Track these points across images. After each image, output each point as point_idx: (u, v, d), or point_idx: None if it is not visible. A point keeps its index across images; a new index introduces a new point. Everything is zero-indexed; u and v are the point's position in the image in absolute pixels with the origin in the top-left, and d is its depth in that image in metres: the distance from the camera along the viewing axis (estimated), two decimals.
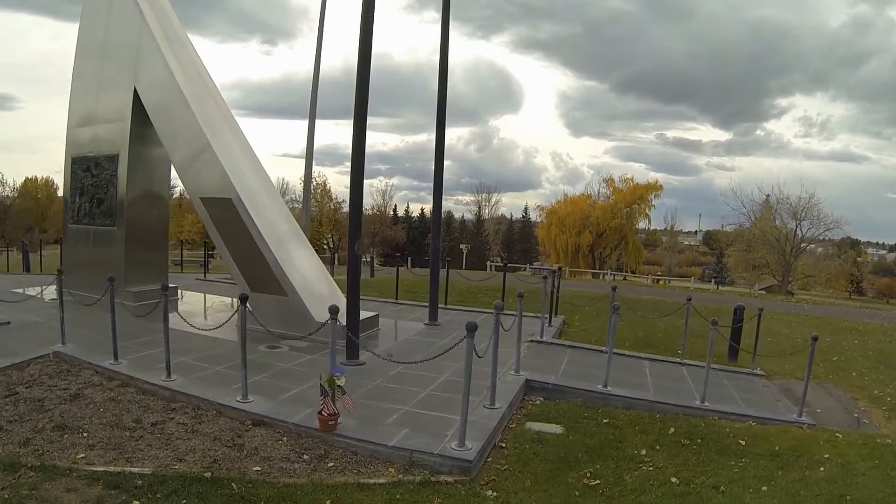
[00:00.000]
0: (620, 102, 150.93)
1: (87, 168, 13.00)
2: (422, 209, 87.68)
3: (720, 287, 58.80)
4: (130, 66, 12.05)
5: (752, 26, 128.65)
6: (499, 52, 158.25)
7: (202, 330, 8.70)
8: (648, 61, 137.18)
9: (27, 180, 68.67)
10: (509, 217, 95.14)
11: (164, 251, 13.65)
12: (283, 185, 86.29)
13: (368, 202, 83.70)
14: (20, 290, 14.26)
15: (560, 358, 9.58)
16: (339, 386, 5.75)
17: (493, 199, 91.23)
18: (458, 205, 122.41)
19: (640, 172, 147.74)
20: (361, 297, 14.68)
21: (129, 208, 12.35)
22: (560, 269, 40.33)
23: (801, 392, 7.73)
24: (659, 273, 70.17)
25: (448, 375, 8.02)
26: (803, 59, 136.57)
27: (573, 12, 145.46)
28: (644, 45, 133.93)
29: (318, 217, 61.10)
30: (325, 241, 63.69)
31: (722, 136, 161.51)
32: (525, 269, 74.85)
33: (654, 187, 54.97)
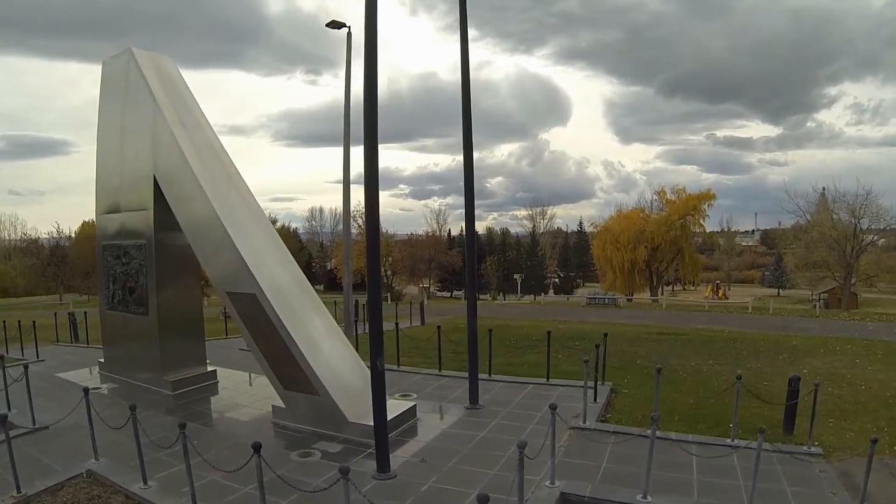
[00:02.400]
0: (668, 105, 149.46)
1: (117, 256, 13.13)
2: (476, 233, 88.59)
3: (780, 293, 57.28)
4: (148, 155, 12.11)
5: (793, 15, 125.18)
6: (542, 65, 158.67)
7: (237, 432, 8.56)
8: (692, 61, 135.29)
9: (84, 224, 70.91)
10: (565, 230, 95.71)
11: (200, 333, 13.60)
12: (335, 216, 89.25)
13: (421, 224, 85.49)
14: (65, 376, 14.50)
15: (602, 451, 9.03)
16: None
17: (549, 213, 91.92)
18: (514, 220, 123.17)
19: (693, 175, 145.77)
20: (403, 368, 14.59)
21: (160, 296, 12.40)
22: (615, 298, 40.01)
23: (862, 478, 7.07)
24: (718, 281, 69.04)
25: (482, 488, 7.67)
26: (849, 44, 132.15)
27: (613, 18, 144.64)
28: (686, 46, 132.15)
29: None
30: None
31: (772, 131, 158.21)
32: (581, 285, 74.44)
33: (707, 196, 54.24)
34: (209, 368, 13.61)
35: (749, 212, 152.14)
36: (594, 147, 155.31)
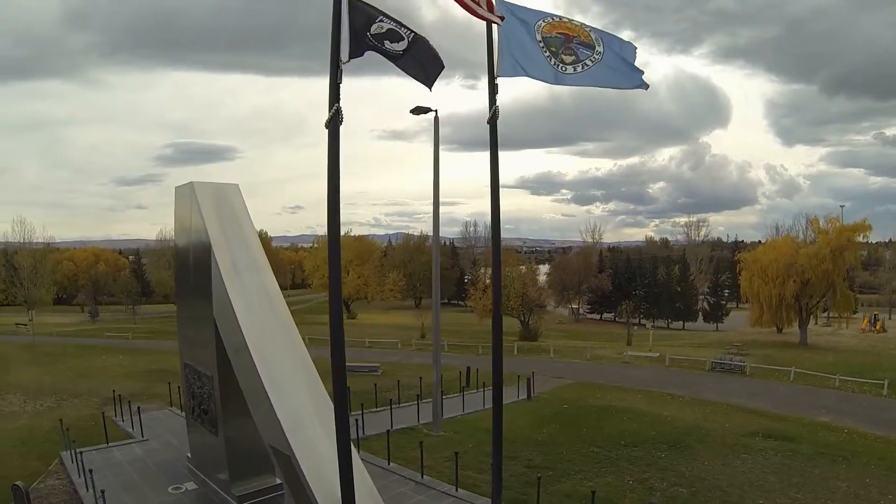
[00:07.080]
0: (832, 104, 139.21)
1: (195, 377, 14.09)
2: (628, 256, 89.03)
3: None
4: (208, 297, 12.66)
5: None
6: (700, 65, 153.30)
7: None
8: (857, 55, 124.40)
9: None
10: (725, 240, 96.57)
11: None
12: (488, 227, 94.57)
13: (578, 234, 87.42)
14: (158, 467, 15.83)
15: None
16: None
17: (707, 222, 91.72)
18: (675, 227, 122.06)
19: (859, 178, 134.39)
20: (460, 492, 13.93)
21: (226, 424, 13.11)
22: (743, 366, 37.59)
23: None
24: (876, 313, 63.52)
25: None
26: None
27: (770, 13, 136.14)
28: (850, 39, 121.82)
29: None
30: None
31: None
32: (734, 307, 70.92)
33: (862, 227, 49.60)
34: (277, 480, 14.21)
35: None
36: (755, 150, 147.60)
